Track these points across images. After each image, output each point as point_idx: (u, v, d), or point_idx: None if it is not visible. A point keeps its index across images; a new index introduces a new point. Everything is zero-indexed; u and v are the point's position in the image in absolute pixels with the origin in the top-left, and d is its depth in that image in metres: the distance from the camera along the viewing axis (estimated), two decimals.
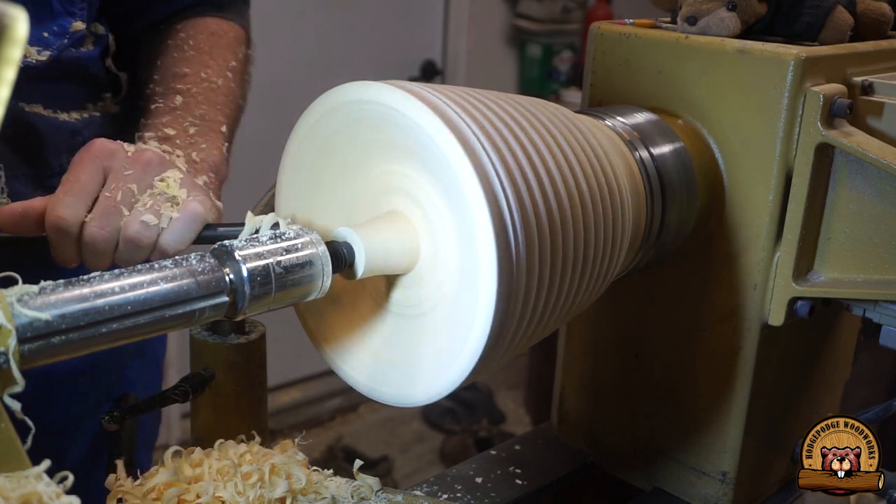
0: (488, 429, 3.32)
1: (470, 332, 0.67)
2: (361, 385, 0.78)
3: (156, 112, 0.98)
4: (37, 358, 0.55)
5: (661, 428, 1.06)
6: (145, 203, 0.82)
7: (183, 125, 0.95)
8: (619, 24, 1.02)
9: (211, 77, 1.03)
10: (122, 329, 0.59)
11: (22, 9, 0.46)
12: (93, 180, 0.81)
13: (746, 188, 0.93)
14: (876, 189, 0.88)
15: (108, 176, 0.82)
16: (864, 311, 0.93)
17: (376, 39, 3.42)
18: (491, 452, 1.14)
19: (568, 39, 3.86)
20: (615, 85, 1.01)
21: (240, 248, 0.66)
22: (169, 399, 0.88)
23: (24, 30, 0.46)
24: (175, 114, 0.97)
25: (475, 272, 0.66)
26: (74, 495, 0.53)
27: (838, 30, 0.96)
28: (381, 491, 0.84)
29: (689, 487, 1.05)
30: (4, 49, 0.46)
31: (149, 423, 1.31)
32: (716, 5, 0.94)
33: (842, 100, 0.88)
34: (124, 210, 0.81)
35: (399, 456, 3.27)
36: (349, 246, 0.72)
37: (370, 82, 0.70)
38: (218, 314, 0.66)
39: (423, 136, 0.67)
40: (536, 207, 0.68)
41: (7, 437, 0.53)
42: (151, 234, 0.81)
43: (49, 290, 0.56)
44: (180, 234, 0.82)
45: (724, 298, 0.97)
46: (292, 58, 3.14)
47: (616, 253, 0.80)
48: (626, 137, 0.90)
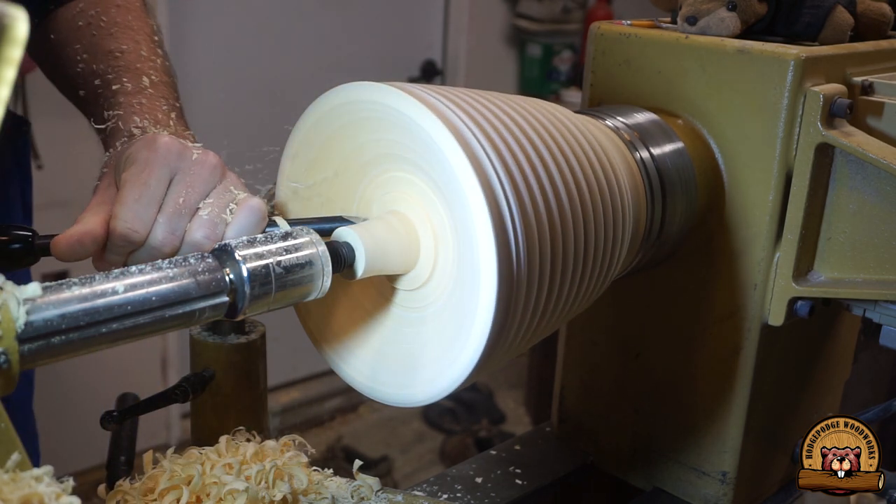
0: (488, 429, 3.32)
1: (470, 332, 0.67)
2: (361, 385, 0.78)
3: (123, 91, 0.94)
4: (37, 358, 0.55)
5: (661, 428, 1.06)
6: (210, 205, 0.78)
7: (162, 108, 0.92)
8: (618, 24, 1.02)
9: (150, 56, 1.00)
10: (123, 329, 0.59)
11: (22, 9, 0.46)
12: (162, 185, 0.77)
13: (746, 188, 0.93)
14: (876, 189, 0.88)
15: (174, 177, 0.78)
16: (864, 311, 0.93)
17: (376, 39, 3.42)
18: (491, 452, 1.14)
19: (568, 39, 3.86)
20: (615, 85, 1.01)
21: (240, 248, 0.66)
22: (169, 399, 0.88)
23: (24, 30, 0.46)
24: (147, 94, 0.93)
25: (475, 273, 0.66)
26: (75, 496, 0.53)
27: (838, 30, 0.96)
28: (381, 491, 0.84)
29: (689, 487, 1.05)
30: (4, 49, 0.46)
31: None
32: (716, 5, 0.94)
33: (842, 100, 0.88)
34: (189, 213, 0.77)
35: (399, 456, 3.27)
36: (349, 246, 0.72)
37: (370, 83, 0.70)
38: (218, 314, 0.66)
39: (422, 137, 0.67)
40: (536, 208, 0.68)
41: (7, 437, 0.53)
42: (217, 236, 0.77)
43: (49, 291, 0.56)
44: (245, 230, 0.77)
45: (724, 298, 0.97)
46: (292, 58, 3.14)
47: (616, 253, 0.80)
48: (626, 137, 0.90)
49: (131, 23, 1.04)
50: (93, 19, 1.04)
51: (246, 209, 0.77)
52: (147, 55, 1.00)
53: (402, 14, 3.53)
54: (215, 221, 0.77)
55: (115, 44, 1.00)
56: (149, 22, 1.07)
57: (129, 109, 0.91)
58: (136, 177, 0.77)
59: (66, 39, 1.05)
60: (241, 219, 0.77)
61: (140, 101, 0.92)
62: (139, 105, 0.91)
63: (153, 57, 1.00)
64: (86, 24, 1.04)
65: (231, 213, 0.78)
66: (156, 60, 1.00)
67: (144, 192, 0.76)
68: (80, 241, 0.75)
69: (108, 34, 1.02)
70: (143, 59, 0.99)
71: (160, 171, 0.77)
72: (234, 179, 0.81)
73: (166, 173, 0.78)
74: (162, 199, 0.77)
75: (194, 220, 0.77)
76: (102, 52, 1.00)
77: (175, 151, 0.79)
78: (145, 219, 0.76)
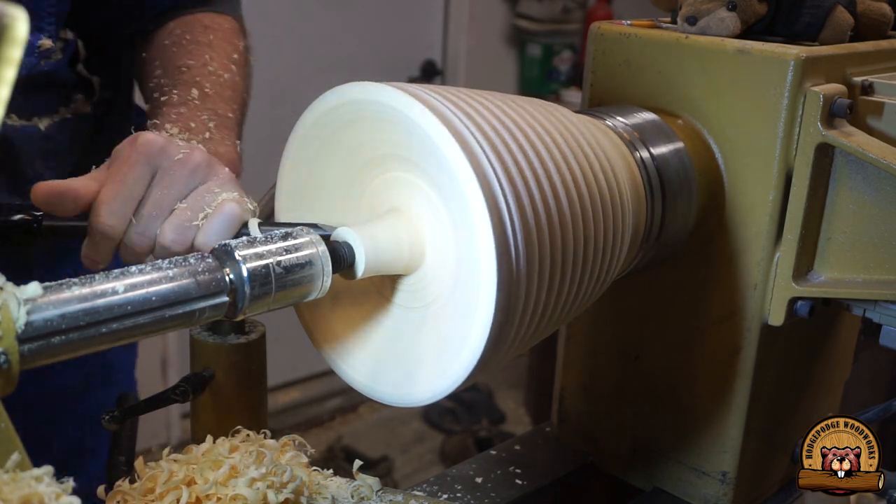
0: (488, 429, 3.32)
1: (470, 333, 0.67)
2: (361, 385, 0.78)
3: (170, 102, 0.96)
4: (37, 358, 0.55)
5: (661, 428, 1.06)
6: (187, 207, 0.79)
7: (201, 118, 0.93)
8: (618, 24, 1.02)
9: (217, 70, 1.01)
10: (123, 329, 0.59)
11: (22, 9, 0.46)
12: (140, 183, 0.78)
13: (746, 188, 0.93)
14: (876, 189, 0.88)
15: (154, 175, 0.79)
16: (864, 311, 0.93)
17: (376, 39, 3.43)
18: (491, 452, 1.14)
19: (568, 39, 3.86)
20: (615, 85, 1.01)
21: (240, 248, 0.66)
22: (169, 399, 0.88)
23: (24, 30, 0.46)
24: (191, 105, 0.95)
25: (475, 273, 0.66)
26: (75, 496, 0.53)
27: (838, 30, 0.96)
28: (381, 491, 0.84)
29: (689, 487, 1.05)
30: (4, 49, 0.46)
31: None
32: (716, 5, 0.94)
33: (842, 100, 0.88)
34: (163, 215, 0.78)
35: (399, 456, 3.27)
36: (349, 246, 0.72)
37: (370, 83, 0.70)
38: (218, 314, 0.66)
39: (422, 137, 0.67)
40: (536, 208, 0.68)
41: (7, 437, 0.53)
42: (186, 240, 0.78)
43: (49, 290, 0.56)
44: (216, 236, 0.78)
45: (724, 298, 0.97)
46: (292, 58, 3.14)
47: (616, 253, 0.80)
48: (626, 137, 0.90)
49: (212, 41, 1.05)
50: (177, 38, 1.06)
51: (218, 215, 0.78)
52: (214, 70, 1.01)
53: (402, 14, 3.53)
54: (185, 226, 0.77)
55: (186, 59, 1.02)
56: (234, 42, 1.09)
57: (165, 119, 0.92)
58: (116, 173, 0.78)
59: (151, 57, 1.07)
60: (214, 224, 0.78)
61: (180, 110, 0.94)
62: (177, 115, 0.93)
63: (220, 71, 1.01)
64: (171, 43, 1.06)
65: (204, 218, 0.78)
66: (222, 75, 1.01)
67: (121, 190, 0.77)
68: (59, 195, 0.76)
69: (186, 51, 1.03)
70: (206, 74, 1.00)
71: (140, 168, 0.78)
72: (224, 178, 0.81)
73: (146, 171, 0.78)
74: (140, 196, 0.78)
75: (166, 223, 0.78)
76: (173, 68, 1.02)
77: (157, 148, 0.79)
78: (121, 217, 0.77)
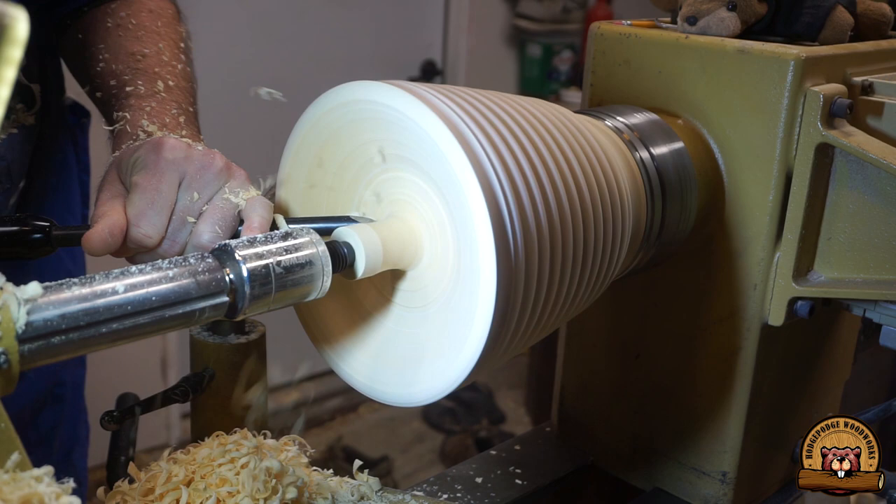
0: (488, 429, 3.32)
1: (470, 332, 0.67)
2: (361, 385, 0.78)
3: (136, 93, 0.95)
4: (37, 358, 0.55)
5: (661, 428, 1.06)
6: (220, 207, 0.79)
7: (171, 112, 0.93)
8: (618, 24, 1.02)
9: (171, 60, 1.01)
10: (123, 329, 0.59)
11: (22, 9, 0.46)
12: (173, 191, 0.79)
13: (746, 188, 0.93)
14: (876, 189, 0.88)
15: (182, 181, 0.80)
16: (864, 311, 0.93)
17: (376, 39, 3.42)
18: (491, 452, 1.14)
19: (568, 39, 3.86)
20: (615, 85, 1.01)
21: (240, 248, 0.66)
22: (169, 399, 0.88)
23: (24, 30, 0.46)
24: (158, 98, 0.94)
25: (475, 273, 0.66)
26: (75, 496, 0.53)
27: (838, 30, 0.96)
28: (381, 491, 0.84)
29: (689, 487, 1.05)
30: (4, 49, 0.46)
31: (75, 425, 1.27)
32: (716, 5, 0.94)
33: (842, 100, 0.88)
34: (191, 219, 0.79)
35: (399, 456, 3.27)
36: (349, 246, 0.72)
37: (370, 82, 0.70)
38: (218, 314, 0.66)
39: (422, 136, 0.67)
40: (536, 208, 0.68)
41: (7, 437, 0.53)
42: (224, 238, 0.78)
43: (49, 291, 0.56)
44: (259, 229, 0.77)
45: (724, 298, 0.97)
46: (293, 57, 3.13)
47: (616, 253, 0.80)
48: (626, 137, 0.90)
49: (159, 28, 1.05)
50: (122, 21, 1.04)
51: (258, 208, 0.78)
52: (168, 60, 1.00)
53: (402, 14, 3.53)
54: (222, 225, 0.78)
55: (138, 46, 1.01)
56: (178, 29, 1.08)
57: (139, 112, 0.92)
58: (148, 181, 0.79)
59: (92, 39, 1.05)
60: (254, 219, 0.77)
61: (150, 104, 0.93)
62: (149, 108, 0.92)
63: (174, 62, 1.01)
64: (114, 26, 1.05)
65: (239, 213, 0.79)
66: (176, 66, 1.01)
67: (157, 199, 0.78)
68: (111, 234, 0.77)
69: (134, 37, 1.02)
70: (162, 64, 0.99)
71: (170, 175, 0.79)
72: (242, 178, 0.82)
73: (175, 178, 0.79)
74: (173, 204, 0.79)
75: (200, 224, 0.78)
76: (124, 54, 1.01)
77: (182, 154, 0.80)
78: (158, 225, 0.78)
